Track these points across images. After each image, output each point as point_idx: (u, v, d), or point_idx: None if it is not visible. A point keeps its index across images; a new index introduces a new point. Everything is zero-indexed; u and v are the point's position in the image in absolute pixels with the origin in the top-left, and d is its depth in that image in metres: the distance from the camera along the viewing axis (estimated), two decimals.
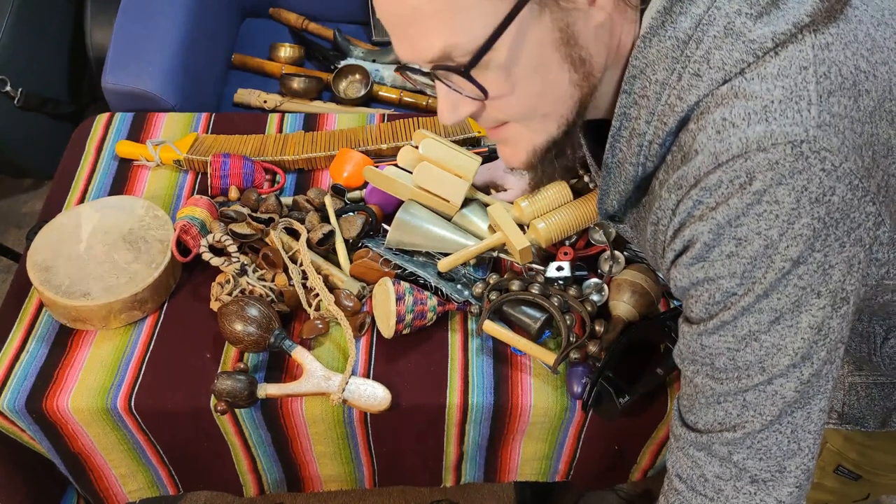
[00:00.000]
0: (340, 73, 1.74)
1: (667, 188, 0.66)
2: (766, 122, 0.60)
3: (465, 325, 1.13)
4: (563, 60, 0.65)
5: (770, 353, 0.65)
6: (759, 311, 0.64)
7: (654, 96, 0.66)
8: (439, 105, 0.70)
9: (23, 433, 1.10)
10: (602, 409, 1.02)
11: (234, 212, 1.16)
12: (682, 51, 0.64)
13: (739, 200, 0.60)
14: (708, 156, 0.61)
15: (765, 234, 0.61)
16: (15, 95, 1.87)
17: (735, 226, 0.61)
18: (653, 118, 0.67)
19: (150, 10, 1.60)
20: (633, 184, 0.72)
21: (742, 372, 0.66)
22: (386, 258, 1.14)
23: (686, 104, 0.64)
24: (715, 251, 0.63)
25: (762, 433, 0.67)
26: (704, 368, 0.69)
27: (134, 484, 1.20)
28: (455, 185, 1.15)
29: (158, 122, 1.42)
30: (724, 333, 0.66)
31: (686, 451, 0.72)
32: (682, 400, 0.74)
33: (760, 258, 0.62)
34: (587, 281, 1.12)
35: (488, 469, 1.21)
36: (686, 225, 0.65)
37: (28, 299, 1.16)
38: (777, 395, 0.66)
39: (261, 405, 1.06)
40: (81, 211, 1.18)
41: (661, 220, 0.68)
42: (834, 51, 0.61)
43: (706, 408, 0.70)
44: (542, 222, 1.09)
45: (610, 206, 0.77)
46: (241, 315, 1.04)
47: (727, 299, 0.64)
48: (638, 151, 0.69)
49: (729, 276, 0.63)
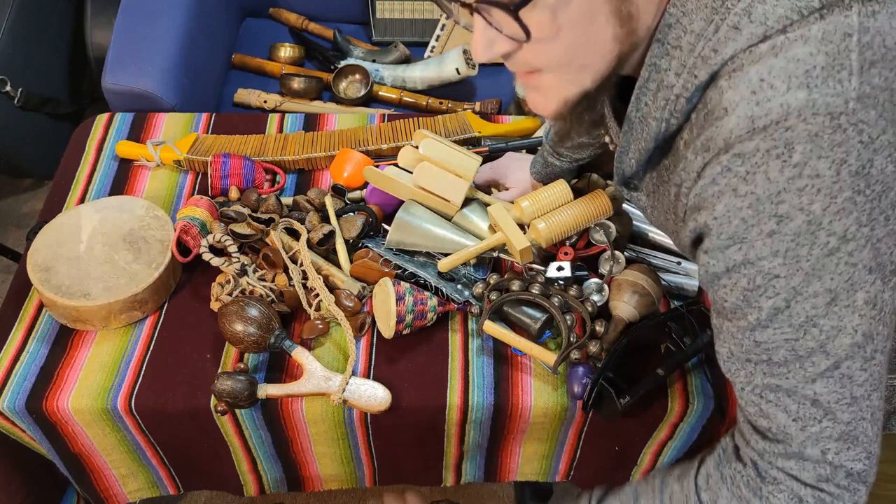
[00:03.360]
0: (340, 73, 1.74)
1: (693, 149, 0.63)
2: (808, 88, 0.57)
3: (465, 326, 1.13)
4: (612, 14, 0.62)
5: (831, 336, 0.63)
6: (812, 295, 0.61)
7: (688, 47, 0.63)
8: (474, 40, 0.66)
9: (23, 433, 1.10)
10: (603, 410, 1.02)
11: (235, 212, 1.15)
12: (722, 1, 0.61)
13: (779, 174, 0.58)
14: (743, 118, 0.59)
15: (807, 210, 0.59)
16: (15, 95, 1.87)
17: (776, 202, 0.59)
18: (683, 70, 0.64)
19: (150, 10, 1.60)
20: (654, 142, 0.69)
21: (806, 360, 0.64)
22: (386, 258, 1.14)
23: (721, 57, 0.61)
24: (754, 230, 0.61)
25: (849, 422, 0.65)
26: (761, 367, 0.66)
27: (134, 484, 1.20)
28: (455, 184, 1.15)
29: (158, 122, 1.42)
30: (780, 324, 0.63)
31: (776, 464, 0.69)
32: (746, 409, 0.70)
33: (804, 235, 0.59)
34: (588, 281, 1.12)
35: (488, 469, 1.21)
36: (712, 196, 0.62)
37: (28, 299, 1.16)
38: (846, 378, 0.64)
39: (261, 405, 1.06)
40: (81, 211, 1.18)
41: (684, 182, 0.66)
42: (880, 19, 0.59)
43: (776, 407, 0.67)
44: (542, 222, 1.09)
45: (628, 166, 0.73)
46: (242, 315, 1.04)
47: (770, 283, 0.62)
48: (664, 105, 0.66)
49: (771, 255, 0.61)
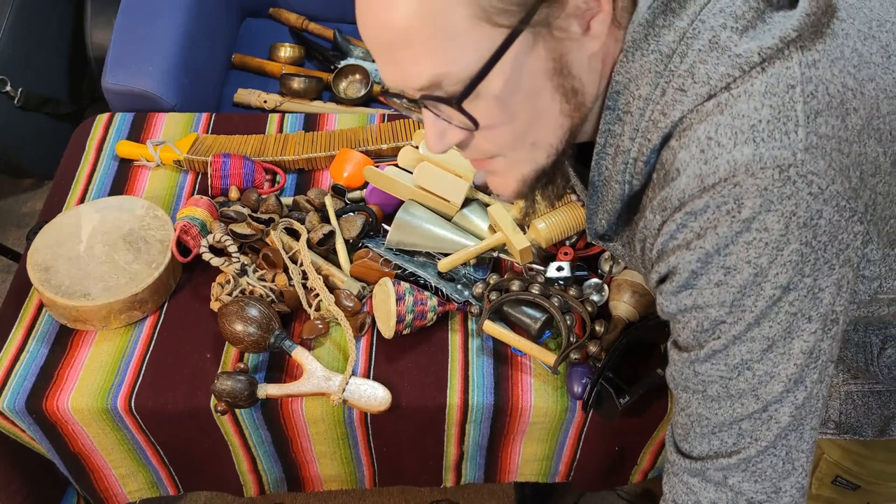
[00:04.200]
0: (340, 73, 1.74)
1: (651, 209, 0.65)
2: (755, 143, 0.58)
3: (465, 326, 1.13)
4: (556, 91, 0.64)
5: (763, 381, 0.64)
6: (750, 340, 0.63)
7: (638, 112, 0.65)
8: (426, 133, 0.68)
9: (23, 433, 1.10)
10: (602, 410, 1.02)
11: (235, 212, 1.15)
12: (665, 65, 0.63)
13: (728, 228, 0.59)
14: (693, 178, 0.60)
15: (754, 263, 0.60)
16: (15, 95, 1.87)
17: (724, 255, 0.60)
18: (637, 135, 0.65)
19: (150, 10, 1.60)
20: (620, 202, 0.71)
21: (736, 401, 0.66)
22: (386, 258, 1.14)
23: (670, 120, 0.63)
24: (703, 279, 0.62)
25: (758, 458, 0.67)
26: (697, 396, 0.68)
27: (134, 484, 1.20)
28: (455, 184, 1.15)
29: (158, 122, 1.42)
30: (717, 362, 0.65)
31: (681, 477, 0.72)
32: (676, 428, 0.73)
33: (750, 287, 0.61)
34: (587, 281, 1.12)
35: (488, 469, 1.21)
36: (670, 250, 0.64)
37: (28, 299, 1.16)
38: (772, 421, 0.65)
39: (261, 405, 1.06)
40: (81, 211, 1.18)
41: (647, 238, 0.68)
42: (821, 68, 0.60)
43: (701, 437, 0.69)
44: (542, 222, 1.09)
45: (599, 226, 0.75)
46: (242, 315, 1.04)
47: (716, 327, 0.64)
48: (623, 169, 0.68)
49: (718, 304, 0.62)
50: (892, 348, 0.86)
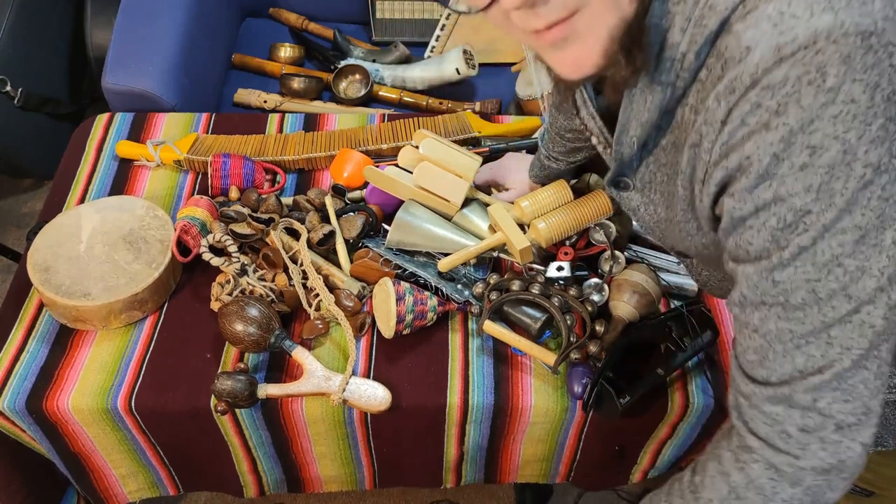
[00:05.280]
0: (340, 73, 1.74)
1: (714, 96, 0.59)
2: (833, 11, 0.53)
3: (465, 326, 1.13)
4: None
5: (855, 278, 0.58)
6: (841, 232, 0.57)
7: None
8: None
9: (23, 433, 1.10)
10: (602, 410, 1.02)
11: (235, 212, 1.15)
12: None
13: (813, 100, 0.54)
14: (768, 50, 0.55)
15: (843, 138, 0.55)
16: (15, 95, 1.87)
17: (809, 131, 0.55)
18: (689, 25, 0.60)
19: (150, 10, 1.60)
20: (658, 111, 0.65)
21: (825, 304, 0.59)
22: (386, 258, 1.14)
23: (731, 1, 0.57)
24: (785, 164, 0.57)
25: (851, 371, 0.60)
26: (776, 310, 0.62)
27: (134, 484, 1.20)
28: (455, 185, 1.15)
29: (158, 122, 1.42)
30: (803, 262, 0.59)
31: (761, 408, 0.65)
32: (746, 355, 0.66)
33: (840, 166, 0.55)
34: (587, 281, 1.12)
35: (488, 470, 1.21)
36: (743, 138, 0.58)
37: (28, 299, 1.16)
38: (865, 325, 0.59)
39: (261, 405, 1.06)
40: (81, 211, 1.18)
41: (704, 139, 0.62)
42: None
43: (783, 356, 0.62)
44: (542, 222, 1.09)
45: (628, 147, 0.70)
46: (242, 315, 1.04)
47: (802, 219, 0.58)
48: (669, 67, 0.62)
49: (804, 191, 0.57)
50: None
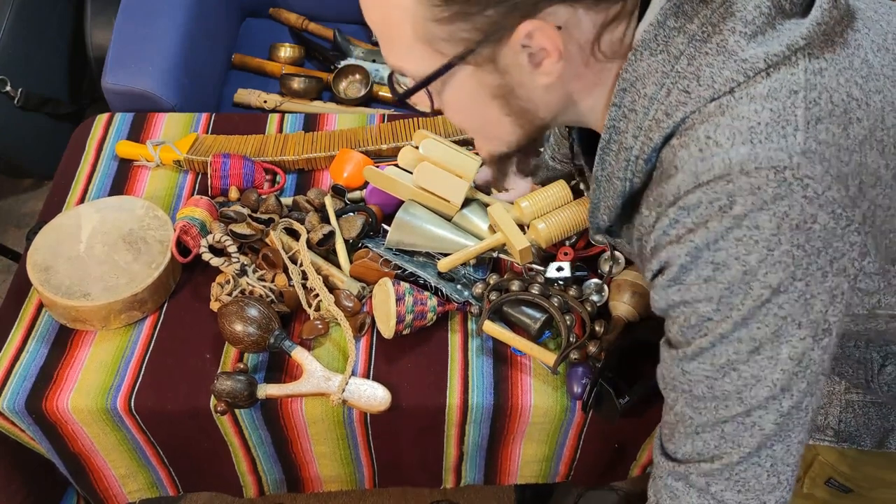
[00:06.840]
0: (340, 73, 1.74)
1: (646, 205, 0.66)
2: (751, 143, 0.58)
3: (465, 326, 1.13)
4: (501, 109, 0.69)
5: (749, 384, 0.63)
6: (737, 340, 0.62)
7: (643, 111, 0.65)
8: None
9: (23, 433, 1.10)
10: (602, 410, 1.02)
11: (234, 212, 1.15)
12: (672, 66, 0.63)
13: (718, 224, 0.59)
14: (689, 174, 0.60)
15: (743, 260, 0.59)
16: (15, 95, 1.87)
17: (713, 250, 0.60)
18: (640, 133, 0.66)
19: (150, 10, 1.60)
20: (621, 199, 0.71)
21: (720, 402, 0.65)
22: (386, 258, 1.14)
23: (672, 120, 0.63)
24: (692, 274, 0.62)
25: (740, 465, 0.66)
26: (684, 396, 0.68)
27: (134, 484, 1.20)
28: (455, 185, 1.15)
29: (158, 122, 1.42)
30: (703, 360, 0.64)
31: (665, 480, 0.71)
32: (663, 428, 0.73)
33: (738, 284, 0.60)
34: (587, 281, 1.12)
35: (488, 471, 1.21)
36: (662, 245, 0.64)
37: (28, 299, 1.16)
38: (756, 427, 0.64)
39: (261, 405, 1.06)
40: (81, 211, 1.18)
41: (643, 236, 0.68)
42: (827, 77, 0.60)
43: (685, 437, 0.68)
44: (542, 222, 1.08)
45: (601, 221, 0.76)
46: (241, 315, 1.04)
47: (703, 324, 0.63)
48: (625, 166, 0.68)
49: (706, 300, 0.62)
50: (893, 365, 0.85)
